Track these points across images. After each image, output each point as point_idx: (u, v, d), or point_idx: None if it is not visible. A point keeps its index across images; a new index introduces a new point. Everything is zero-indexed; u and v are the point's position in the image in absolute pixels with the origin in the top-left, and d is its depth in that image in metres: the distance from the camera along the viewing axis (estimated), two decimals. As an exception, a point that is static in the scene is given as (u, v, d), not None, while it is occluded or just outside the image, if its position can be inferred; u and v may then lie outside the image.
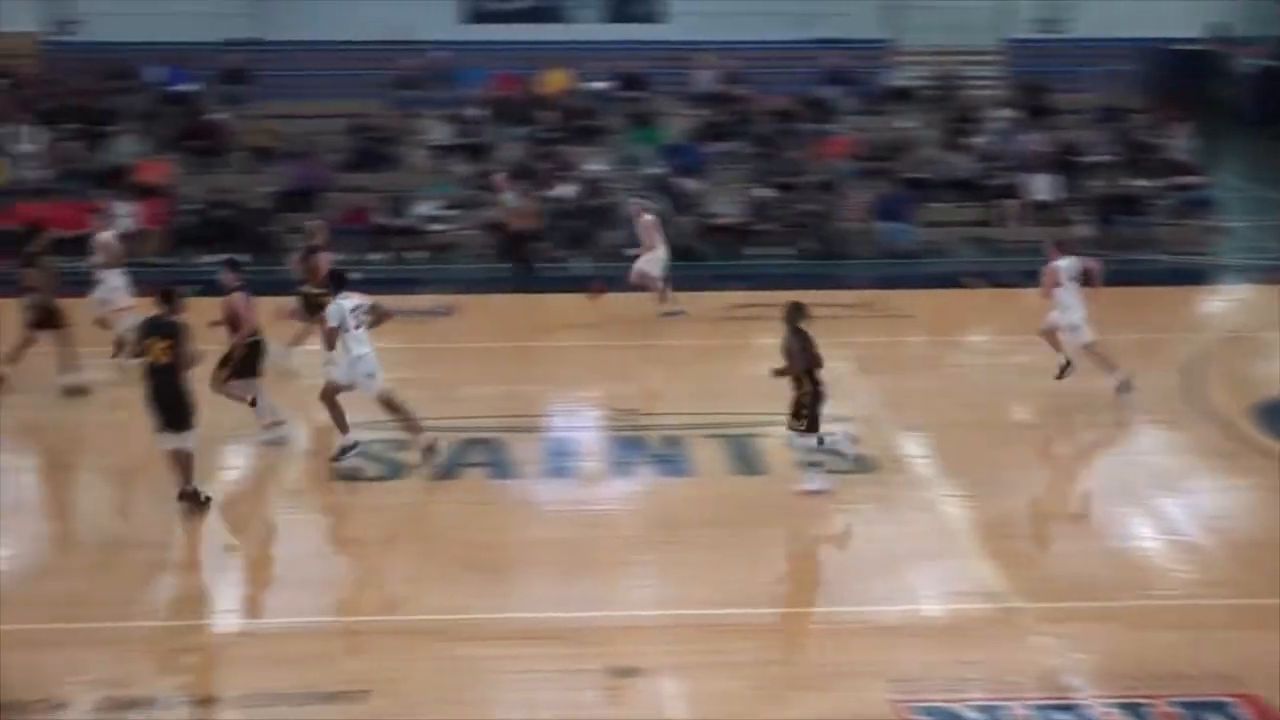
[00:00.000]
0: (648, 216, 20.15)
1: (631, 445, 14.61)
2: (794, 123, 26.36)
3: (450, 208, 24.22)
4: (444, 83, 27.37)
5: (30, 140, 24.91)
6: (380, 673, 9.89)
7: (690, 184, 24.45)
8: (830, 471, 13.18)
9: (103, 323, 17.21)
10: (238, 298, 14.47)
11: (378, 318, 14.21)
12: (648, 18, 31.38)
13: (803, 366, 12.73)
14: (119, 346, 16.74)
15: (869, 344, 17.96)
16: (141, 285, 21.06)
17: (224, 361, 14.51)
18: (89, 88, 26.80)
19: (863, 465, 13.82)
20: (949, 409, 15.72)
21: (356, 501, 13.31)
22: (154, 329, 12.72)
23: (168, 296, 12.95)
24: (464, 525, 12.64)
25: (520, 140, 25.69)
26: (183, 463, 12.78)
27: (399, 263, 23.23)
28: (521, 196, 22.50)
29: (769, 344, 13.32)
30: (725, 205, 24.28)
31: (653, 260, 19.73)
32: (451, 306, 20.14)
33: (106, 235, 17.71)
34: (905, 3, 29.85)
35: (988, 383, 16.88)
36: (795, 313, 12.87)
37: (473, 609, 10.96)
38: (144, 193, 23.49)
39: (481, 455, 14.29)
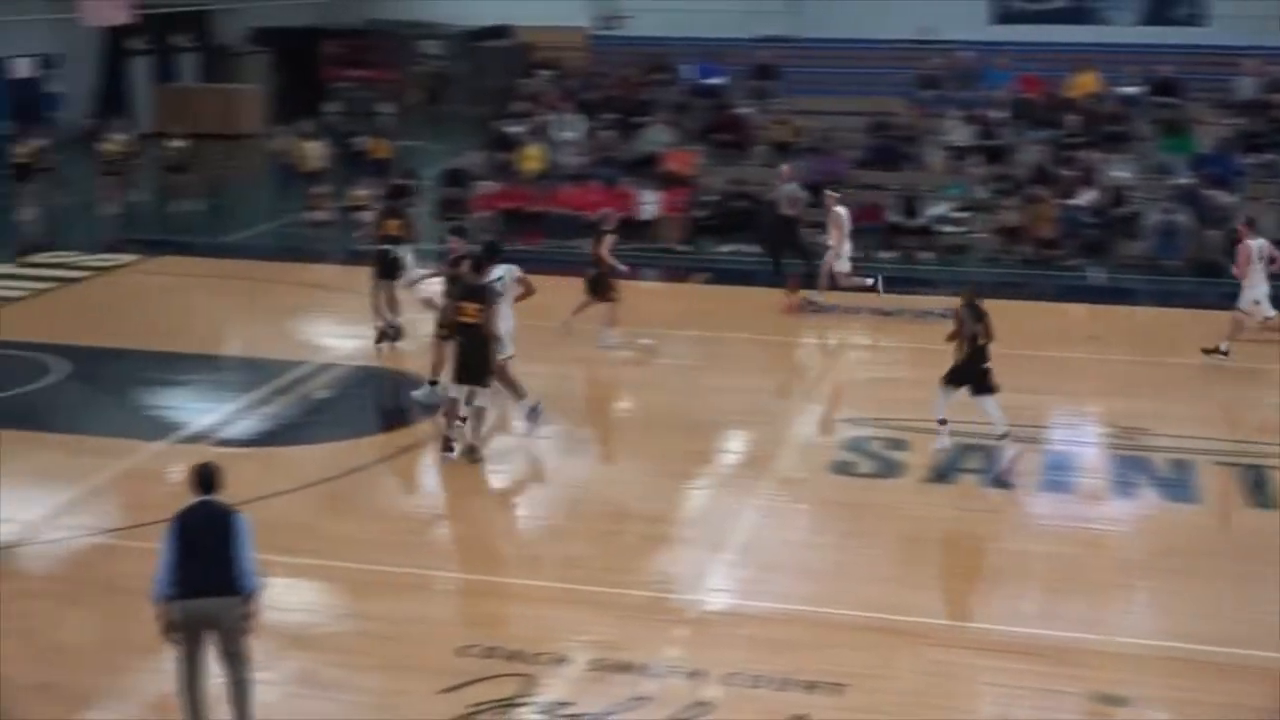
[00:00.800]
0: (839, 209, 19.61)
1: (1135, 465, 14.08)
2: (1345, 135, 24.51)
3: (964, 209, 24.02)
4: (967, 82, 27.12)
5: (571, 129, 26.51)
6: (857, 668, 10.00)
7: (1221, 196, 23.17)
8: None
9: (428, 303, 17.92)
10: (464, 264, 15.24)
11: (526, 290, 15.06)
12: (1187, 20, 29.92)
13: (966, 335, 14.01)
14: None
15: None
16: (663, 271, 22.20)
17: (442, 324, 15.33)
18: (627, 80, 28.28)
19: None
20: None
21: (848, 496, 13.45)
22: (468, 292, 13.90)
23: (480, 263, 14.11)
24: (953, 530, 12.57)
25: (1042, 144, 25.10)
26: (475, 417, 13.79)
27: (908, 262, 23.23)
28: (803, 188, 22.01)
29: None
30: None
31: (844, 258, 19.52)
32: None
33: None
34: None
35: None
36: (973, 292, 14.47)
37: (954, 615, 10.90)
38: (669, 182, 24.55)
39: (977, 461, 14.14)
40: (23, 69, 34.07)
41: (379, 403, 16.72)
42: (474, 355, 13.73)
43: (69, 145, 31.16)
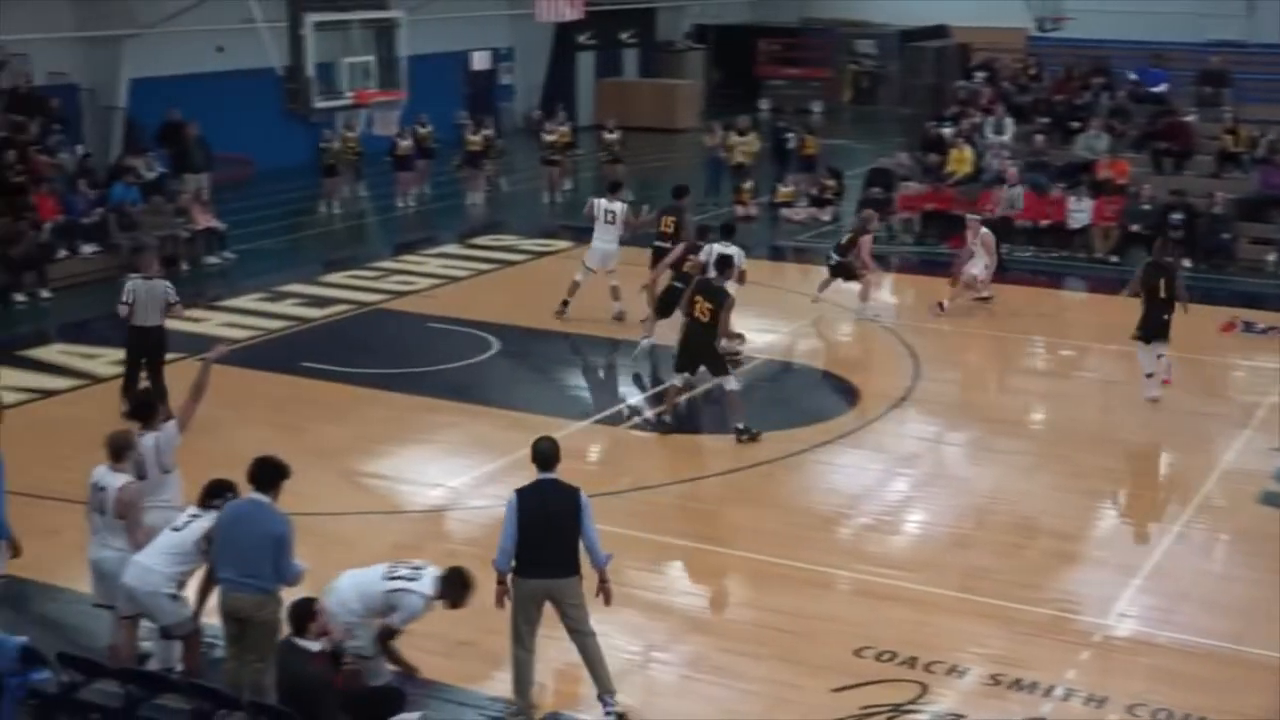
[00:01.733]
0: (985, 230, 19.88)
1: None
2: None
3: None
4: None
5: (1002, 132, 25.94)
6: (1272, 714, 9.46)
7: None
8: None
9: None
10: (683, 248, 16.82)
11: (737, 273, 16.08)
12: None
13: (1140, 291, 15.50)
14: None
15: None
16: (1089, 281, 21.48)
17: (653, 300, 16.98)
18: (1064, 83, 27.45)
19: None
20: None
21: (1276, 530, 12.63)
22: (703, 289, 14.67)
23: (723, 264, 15.38)
24: (1394, 577, 11.66)
25: None
26: (731, 404, 14.67)
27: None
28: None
29: None
30: None
31: (980, 263, 19.63)
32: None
33: (624, 205, 19.32)
34: None
35: None
36: (1162, 248, 16.38)
37: (1388, 668, 10.13)
38: (1102, 189, 23.69)
39: None
40: (480, 62, 36.11)
41: (787, 397, 16.87)
42: (695, 348, 14.59)
43: (516, 135, 32.91)
